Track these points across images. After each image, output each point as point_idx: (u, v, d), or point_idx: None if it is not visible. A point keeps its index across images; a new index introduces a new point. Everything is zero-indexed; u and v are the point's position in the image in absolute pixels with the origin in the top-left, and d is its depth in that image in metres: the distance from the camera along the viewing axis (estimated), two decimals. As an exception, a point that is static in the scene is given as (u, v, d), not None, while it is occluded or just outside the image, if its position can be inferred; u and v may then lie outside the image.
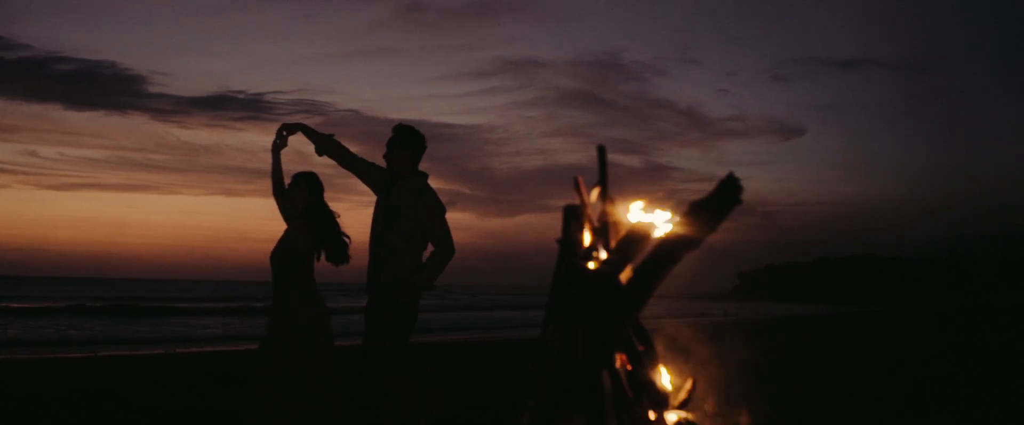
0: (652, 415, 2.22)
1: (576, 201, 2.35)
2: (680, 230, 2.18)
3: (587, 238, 2.32)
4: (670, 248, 2.20)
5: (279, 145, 5.45)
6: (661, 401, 2.27)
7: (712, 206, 2.14)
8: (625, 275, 2.33)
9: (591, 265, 2.30)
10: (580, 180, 2.35)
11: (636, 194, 2.45)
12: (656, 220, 2.32)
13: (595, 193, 2.35)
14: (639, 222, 2.35)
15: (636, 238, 2.33)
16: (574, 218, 2.29)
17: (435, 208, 5.28)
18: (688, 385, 2.37)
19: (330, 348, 5.23)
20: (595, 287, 2.24)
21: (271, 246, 5.31)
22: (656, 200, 2.34)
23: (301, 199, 5.33)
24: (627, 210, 2.36)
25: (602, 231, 2.31)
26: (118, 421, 7.07)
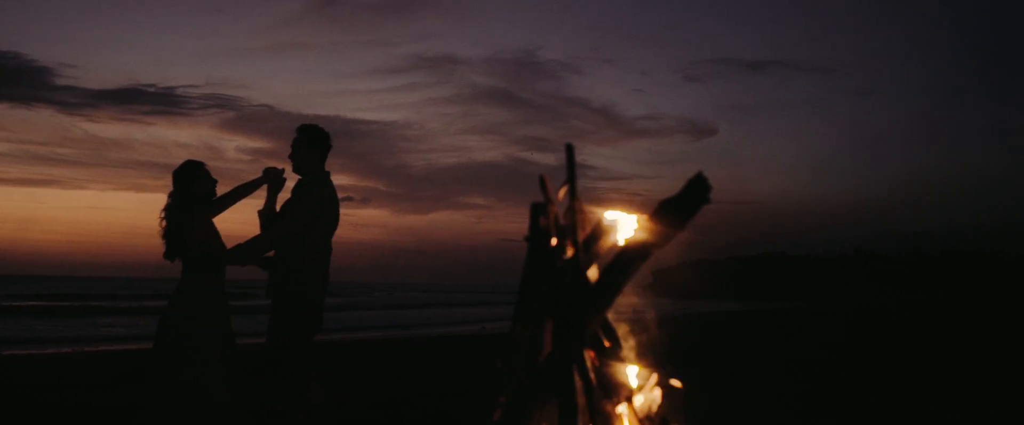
0: (621, 410, 2.24)
1: (541, 199, 2.34)
2: (649, 229, 2.20)
3: (554, 236, 2.32)
4: (639, 246, 2.22)
5: (268, 181, 5.27)
6: (629, 397, 2.30)
7: (681, 205, 2.17)
8: (593, 272, 2.34)
9: (558, 263, 2.29)
10: (545, 178, 2.35)
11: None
12: (624, 218, 2.33)
13: (563, 191, 2.35)
14: (607, 220, 2.36)
15: (604, 236, 2.35)
16: (541, 216, 2.28)
17: (313, 197, 5.08)
18: (653, 380, 2.39)
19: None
20: (564, 285, 2.24)
21: None
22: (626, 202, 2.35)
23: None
24: (599, 212, 2.37)
25: (570, 229, 2.31)
26: (21, 421, 6.89)
